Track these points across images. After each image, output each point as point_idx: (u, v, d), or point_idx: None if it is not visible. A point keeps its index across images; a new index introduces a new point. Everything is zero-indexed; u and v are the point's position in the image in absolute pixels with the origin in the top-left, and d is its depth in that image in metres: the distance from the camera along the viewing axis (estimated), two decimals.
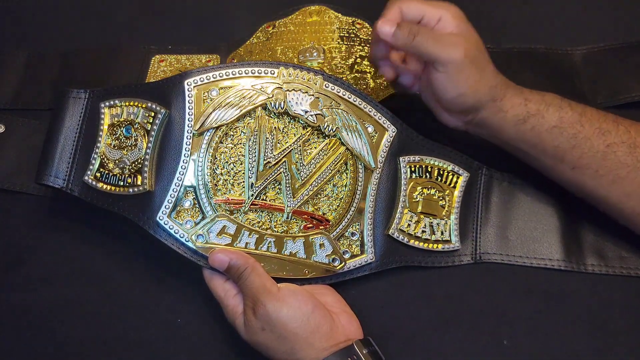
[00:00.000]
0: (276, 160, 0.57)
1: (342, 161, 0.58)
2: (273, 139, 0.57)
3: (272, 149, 0.57)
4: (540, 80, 0.69)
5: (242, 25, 0.73)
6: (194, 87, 0.57)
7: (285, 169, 0.57)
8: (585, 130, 0.56)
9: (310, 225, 0.58)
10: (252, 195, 0.57)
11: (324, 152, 0.58)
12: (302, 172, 0.58)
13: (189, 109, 0.56)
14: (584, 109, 0.56)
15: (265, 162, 0.57)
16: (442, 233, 0.60)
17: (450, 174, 0.61)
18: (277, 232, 0.57)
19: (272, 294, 0.52)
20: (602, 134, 0.55)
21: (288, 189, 0.57)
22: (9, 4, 0.79)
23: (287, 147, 0.58)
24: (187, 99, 0.56)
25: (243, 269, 0.53)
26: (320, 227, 0.58)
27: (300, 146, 0.58)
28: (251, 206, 0.57)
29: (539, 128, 0.56)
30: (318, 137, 0.58)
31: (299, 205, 0.57)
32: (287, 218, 0.57)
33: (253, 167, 0.57)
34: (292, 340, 0.51)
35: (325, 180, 0.58)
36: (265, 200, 0.57)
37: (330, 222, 0.58)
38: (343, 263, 0.57)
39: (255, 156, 0.57)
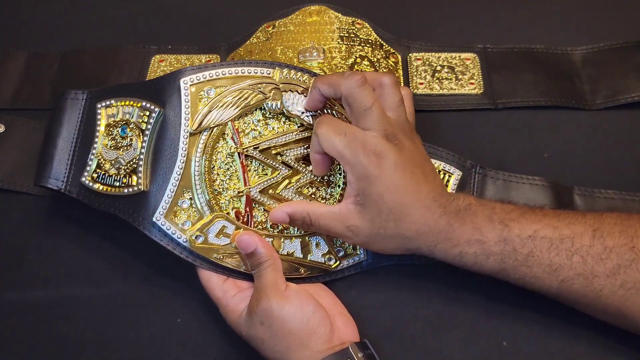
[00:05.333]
0: None
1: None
2: None
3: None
4: (540, 80, 0.69)
5: (242, 25, 0.73)
6: (190, 85, 0.56)
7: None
8: (533, 271, 0.51)
9: None
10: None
11: None
12: None
13: (185, 107, 0.56)
14: (533, 247, 0.50)
15: None
16: None
17: (442, 172, 0.61)
18: (274, 232, 0.57)
19: (279, 291, 0.52)
20: (553, 271, 0.50)
21: None
22: (9, 4, 0.79)
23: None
24: (183, 97, 0.56)
25: (264, 260, 0.54)
26: None
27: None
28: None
29: (482, 271, 0.53)
30: None
31: None
32: None
33: None
34: (288, 340, 0.51)
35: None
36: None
37: None
38: (338, 262, 0.57)
39: None
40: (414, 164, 0.52)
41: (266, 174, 0.57)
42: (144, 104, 0.57)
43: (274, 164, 0.57)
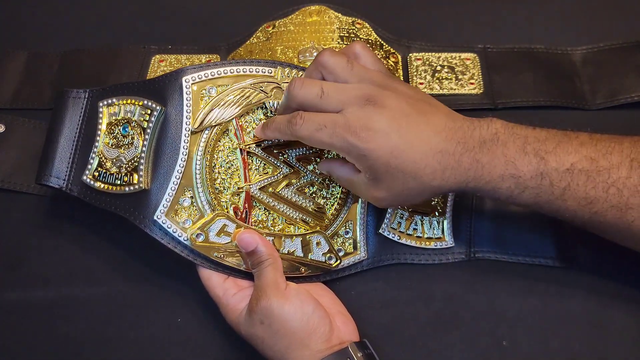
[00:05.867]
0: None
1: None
2: None
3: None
4: (540, 80, 0.69)
5: (242, 25, 0.73)
6: (191, 84, 0.57)
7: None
8: (567, 204, 0.49)
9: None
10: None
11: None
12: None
13: (186, 106, 0.56)
14: (570, 181, 0.49)
15: None
16: (434, 230, 0.60)
17: None
18: (275, 231, 0.57)
19: (279, 290, 0.52)
20: (587, 204, 0.49)
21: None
22: (9, 4, 0.79)
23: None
24: (185, 96, 0.56)
25: (265, 259, 0.54)
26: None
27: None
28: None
29: (515, 203, 0.51)
30: None
31: None
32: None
33: None
34: (288, 339, 0.51)
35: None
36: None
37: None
38: (339, 261, 0.57)
39: None
40: (407, 112, 0.49)
41: (267, 173, 0.57)
42: (145, 102, 0.57)
43: (275, 162, 0.57)
